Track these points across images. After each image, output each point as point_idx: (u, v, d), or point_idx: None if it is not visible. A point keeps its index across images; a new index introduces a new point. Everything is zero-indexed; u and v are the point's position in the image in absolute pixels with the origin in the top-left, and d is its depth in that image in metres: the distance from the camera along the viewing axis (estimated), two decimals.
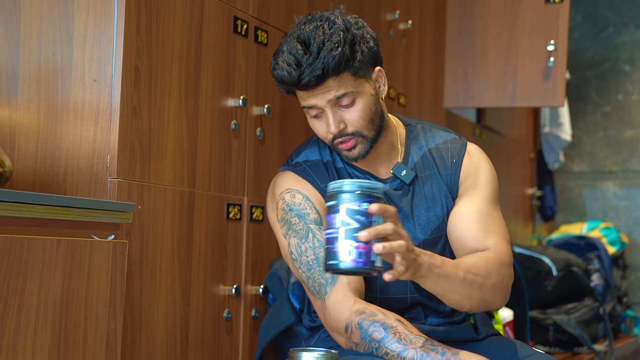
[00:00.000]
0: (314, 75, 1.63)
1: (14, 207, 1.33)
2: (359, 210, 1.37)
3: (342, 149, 1.73)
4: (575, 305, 3.14)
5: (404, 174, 1.79)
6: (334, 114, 1.69)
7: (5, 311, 1.28)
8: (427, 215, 1.79)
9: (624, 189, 4.44)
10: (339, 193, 1.38)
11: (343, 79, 1.67)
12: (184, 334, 1.83)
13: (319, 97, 1.68)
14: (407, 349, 1.61)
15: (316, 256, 1.72)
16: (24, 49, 1.76)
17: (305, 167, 1.82)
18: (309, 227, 1.75)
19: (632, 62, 4.44)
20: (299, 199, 1.77)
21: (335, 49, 1.64)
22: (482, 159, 1.88)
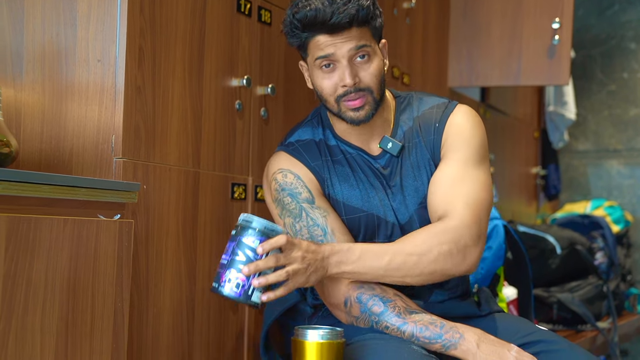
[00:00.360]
0: (348, 13, 1.65)
1: (20, 187, 1.34)
2: (251, 246, 1.51)
3: (349, 108, 1.72)
4: (579, 284, 3.14)
5: (390, 146, 1.80)
6: (350, 66, 1.69)
7: (14, 290, 1.29)
8: (414, 184, 1.79)
9: (629, 168, 4.43)
10: (241, 226, 1.53)
11: (365, 32, 1.70)
12: (190, 313, 1.84)
13: (339, 45, 1.68)
14: (407, 322, 1.64)
15: (311, 234, 1.74)
16: (27, 30, 1.76)
17: (297, 147, 1.83)
18: (301, 206, 1.76)
19: (637, 40, 4.42)
20: (290, 179, 1.79)
21: (366, 1, 1.68)
22: (466, 120, 1.82)
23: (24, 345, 1.31)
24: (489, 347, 1.61)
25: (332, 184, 1.80)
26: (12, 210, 1.32)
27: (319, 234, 1.73)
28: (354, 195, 1.79)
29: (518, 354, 1.61)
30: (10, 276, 1.29)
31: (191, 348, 1.85)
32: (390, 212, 1.79)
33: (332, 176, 1.81)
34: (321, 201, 1.78)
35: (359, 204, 1.79)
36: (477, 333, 1.64)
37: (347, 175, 1.81)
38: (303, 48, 1.73)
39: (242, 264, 1.50)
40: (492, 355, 1.60)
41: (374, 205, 1.79)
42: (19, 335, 1.30)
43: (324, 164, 1.81)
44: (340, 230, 1.76)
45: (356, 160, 1.81)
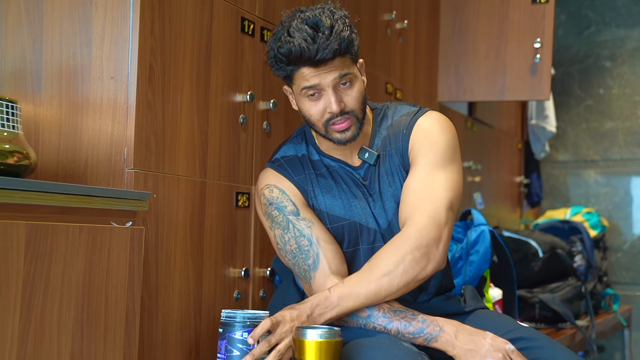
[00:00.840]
0: (331, 49, 1.64)
1: (38, 196, 1.33)
2: (241, 339, 1.53)
3: (335, 130, 1.72)
4: (559, 285, 3.14)
5: (367, 156, 1.80)
6: (335, 93, 1.69)
7: (33, 292, 1.29)
8: (391, 190, 1.79)
9: (605, 177, 4.44)
10: (226, 324, 1.55)
11: (346, 60, 1.69)
12: (197, 313, 1.84)
13: (323, 76, 1.67)
14: (392, 321, 1.66)
15: (298, 244, 1.74)
16: (46, 49, 1.76)
17: (282, 163, 1.83)
18: (288, 219, 1.77)
19: (612, 59, 4.43)
20: (276, 193, 1.80)
21: (345, 30, 1.66)
22: (432, 124, 1.79)
23: (42, 342, 1.31)
24: (466, 337, 1.62)
25: (315, 196, 1.80)
26: (31, 217, 1.32)
27: (305, 244, 1.74)
28: (336, 205, 1.79)
29: (492, 340, 1.61)
30: (30, 279, 1.28)
31: (198, 345, 1.84)
32: (372, 219, 1.79)
33: (315, 188, 1.81)
34: (306, 213, 1.78)
35: (341, 213, 1.79)
36: (455, 325, 1.65)
37: (329, 187, 1.81)
38: (288, 79, 1.73)
39: (238, 359, 1.52)
40: (469, 343, 1.61)
41: (356, 214, 1.79)
42: (37, 333, 1.30)
43: (307, 178, 1.81)
44: (325, 239, 1.76)
45: (338, 173, 1.81)
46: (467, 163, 3.55)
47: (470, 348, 1.61)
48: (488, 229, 2.57)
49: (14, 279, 1.26)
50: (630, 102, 4.37)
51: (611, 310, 3.66)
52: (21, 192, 1.30)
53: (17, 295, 1.26)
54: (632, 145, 4.36)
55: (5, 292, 1.25)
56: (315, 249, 1.73)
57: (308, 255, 1.74)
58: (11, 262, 1.25)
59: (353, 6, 2.54)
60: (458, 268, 2.56)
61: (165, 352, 1.74)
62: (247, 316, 1.54)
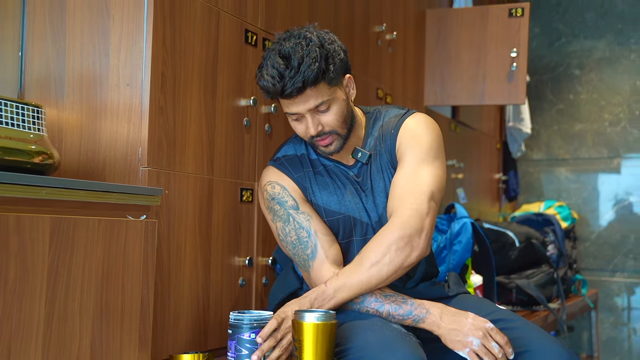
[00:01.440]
0: (295, 87, 1.62)
1: (62, 192, 1.33)
2: (249, 339, 1.52)
3: (319, 145, 1.74)
4: (534, 271, 3.14)
5: (360, 155, 1.80)
6: (312, 118, 1.69)
7: (56, 280, 1.29)
8: (380, 186, 1.79)
9: (575, 174, 4.44)
10: (235, 326, 1.54)
11: (320, 88, 1.66)
12: (206, 299, 1.84)
13: (299, 105, 1.67)
14: (383, 304, 1.67)
15: (298, 236, 1.74)
16: (68, 59, 1.76)
17: (283, 161, 1.83)
18: (288, 212, 1.77)
19: (581, 67, 4.43)
20: (278, 189, 1.79)
21: (313, 64, 1.62)
22: (418, 124, 1.79)
23: (65, 326, 1.31)
24: (450, 317, 1.63)
25: (313, 192, 1.80)
26: (54, 212, 1.32)
27: (304, 235, 1.74)
28: (332, 200, 1.79)
29: (474, 320, 1.62)
30: (54, 268, 1.28)
31: (207, 327, 1.84)
32: (364, 213, 1.79)
33: (313, 185, 1.81)
34: (305, 207, 1.78)
35: (336, 208, 1.79)
36: (440, 307, 1.66)
37: (326, 184, 1.81)
38: (277, 101, 1.74)
39: (247, 357, 1.52)
40: (453, 323, 1.62)
41: (349, 208, 1.79)
42: (61, 318, 1.30)
43: (306, 175, 1.81)
44: (322, 231, 1.76)
45: (334, 171, 1.81)
46: (450, 161, 3.55)
47: (454, 327, 1.62)
48: (470, 221, 2.57)
49: (39, 267, 1.26)
50: (597, 106, 4.38)
51: (580, 294, 3.66)
52: (46, 189, 1.30)
53: (42, 282, 1.26)
54: (599, 145, 4.37)
55: (32, 280, 1.25)
56: (313, 240, 1.73)
57: (307, 246, 1.74)
58: (37, 253, 1.25)
59: (347, 19, 2.54)
60: (442, 257, 2.56)
61: (177, 334, 1.74)
62: (253, 318, 1.54)
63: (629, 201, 4.28)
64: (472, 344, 1.59)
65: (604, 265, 4.29)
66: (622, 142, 4.30)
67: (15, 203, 1.25)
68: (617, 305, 4.24)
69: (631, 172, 4.28)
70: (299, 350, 1.53)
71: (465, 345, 1.60)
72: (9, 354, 1.21)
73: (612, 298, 4.25)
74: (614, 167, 4.32)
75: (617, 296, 4.24)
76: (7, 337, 1.21)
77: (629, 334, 4.20)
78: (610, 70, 4.34)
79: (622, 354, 4.20)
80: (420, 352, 1.53)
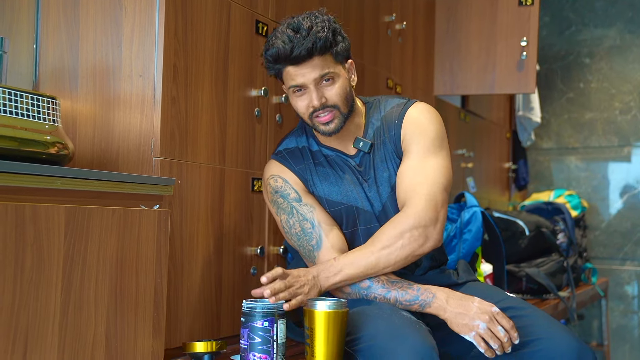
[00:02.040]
0: (305, 48, 1.64)
1: (76, 182, 1.34)
2: (261, 327, 1.52)
3: (320, 123, 1.72)
4: (544, 260, 3.13)
5: (362, 145, 1.80)
6: (317, 90, 1.69)
7: (72, 268, 1.30)
8: (385, 175, 1.79)
9: (585, 162, 4.42)
10: (247, 314, 1.54)
11: (326, 60, 1.68)
12: (218, 287, 1.85)
13: (305, 74, 1.67)
14: (390, 290, 1.68)
15: (302, 227, 1.76)
16: (82, 51, 1.77)
17: (285, 155, 1.83)
18: (292, 205, 1.78)
19: (591, 56, 4.40)
20: (280, 183, 1.80)
21: (321, 32, 1.65)
22: (422, 113, 1.80)
23: (81, 312, 1.32)
24: (456, 302, 1.64)
25: (314, 183, 1.81)
26: (69, 201, 1.33)
27: (308, 227, 1.75)
28: (334, 191, 1.80)
29: (480, 304, 1.63)
30: (69, 257, 1.30)
31: (219, 314, 1.85)
32: (367, 202, 1.79)
33: (314, 177, 1.81)
34: (307, 199, 1.79)
35: (339, 198, 1.79)
36: (446, 292, 1.66)
37: (327, 175, 1.81)
38: (279, 77, 1.74)
39: (260, 345, 1.52)
40: (459, 307, 1.63)
41: (352, 198, 1.79)
42: (77, 305, 1.31)
43: (307, 167, 1.82)
44: (326, 222, 1.77)
45: (335, 161, 1.82)
46: (460, 150, 3.54)
47: (460, 311, 1.62)
48: (480, 210, 2.57)
49: (55, 256, 1.27)
50: (607, 94, 4.35)
51: (590, 282, 3.66)
52: (61, 179, 1.31)
53: (58, 271, 1.28)
54: (609, 134, 4.34)
55: (48, 268, 1.26)
56: (317, 231, 1.74)
57: (311, 237, 1.75)
58: (53, 242, 1.27)
59: (356, 9, 2.53)
60: (453, 245, 2.56)
61: (190, 322, 1.75)
62: (266, 307, 1.55)
63: (639, 189, 4.26)
64: (479, 328, 1.60)
65: (614, 254, 4.28)
66: (633, 130, 4.27)
67: (31, 193, 1.26)
68: (627, 293, 4.23)
69: None
70: (311, 338, 1.54)
71: (472, 329, 1.60)
72: (26, 341, 1.23)
73: (622, 286, 4.24)
74: (624, 155, 4.30)
75: (627, 284, 4.23)
76: (24, 325, 1.22)
77: (639, 321, 4.19)
78: (620, 59, 4.30)
79: (632, 341, 4.19)
80: (430, 339, 1.53)
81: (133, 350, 1.43)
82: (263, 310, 1.54)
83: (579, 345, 1.62)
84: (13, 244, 1.20)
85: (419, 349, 1.47)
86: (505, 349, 1.60)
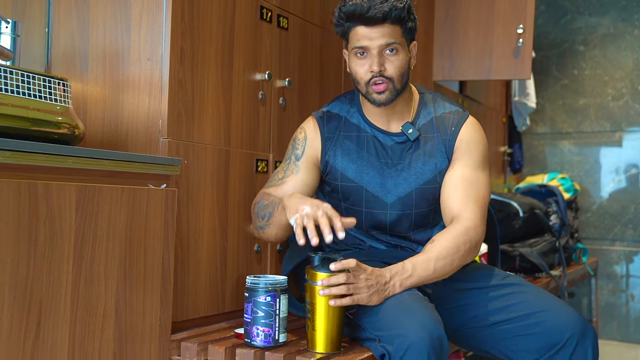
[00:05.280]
0: (381, 10, 1.64)
1: (87, 161, 1.35)
2: (264, 302, 1.53)
3: (374, 90, 1.72)
4: (536, 240, 3.14)
5: (411, 131, 1.79)
6: (379, 56, 1.69)
7: (83, 245, 1.31)
8: (423, 168, 1.79)
9: (578, 147, 4.41)
10: (251, 289, 1.55)
11: (396, 30, 1.68)
12: (223, 263, 1.86)
13: (374, 39, 1.67)
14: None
15: (277, 172, 1.85)
16: (92, 35, 1.76)
17: (324, 116, 1.85)
18: (290, 156, 1.84)
19: (585, 44, 4.38)
20: (301, 136, 1.85)
21: (399, 2, 1.66)
22: (476, 130, 1.83)
23: (92, 287, 1.33)
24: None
25: (335, 155, 1.81)
26: (80, 180, 1.33)
27: (280, 176, 1.83)
28: (350, 168, 1.80)
29: (317, 201, 1.56)
30: (80, 233, 1.30)
31: (224, 290, 1.86)
32: (379, 189, 1.79)
33: (337, 149, 1.81)
34: (304, 163, 1.83)
35: (352, 176, 1.80)
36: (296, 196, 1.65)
37: (349, 151, 1.81)
38: (345, 37, 1.74)
39: (263, 319, 1.53)
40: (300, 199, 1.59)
41: (365, 181, 1.79)
42: (87, 280, 1.32)
43: (335, 137, 1.82)
44: (291, 186, 1.80)
45: (367, 140, 1.81)
46: None
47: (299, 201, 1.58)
48: None
49: (67, 233, 1.28)
50: (600, 81, 4.33)
51: (581, 262, 3.67)
52: (72, 158, 1.32)
53: (70, 246, 1.28)
54: (602, 119, 4.33)
55: (60, 244, 1.27)
56: (278, 182, 1.81)
57: (272, 180, 1.84)
58: (64, 218, 1.27)
59: None
60: None
61: (196, 297, 1.76)
62: (268, 282, 1.56)
63: (630, 173, 4.25)
64: (303, 210, 1.54)
65: (604, 235, 4.29)
66: (624, 116, 4.26)
67: (43, 171, 1.27)
68: (616, 272, 4.24)
69: (632, 146, 4.24)
70: (312, 312, 1.54)
71: (297, 211, 1.54)
72: (39, 313, 1.24)
73: (612, 266, 4.25)
74: (615, 140, 4.29)
75: (616, 264, 4.24)
76: (38, 297, 1.23)
77: (627, 300, 4.21)
78: (613, 47, 4.28)
79: (619, 318, 4.21)
80: (436, 314, 1.55)
81: (142, 322, 1.45)
82: (266, 285, 1.55)
83: (581, 319, 1.64)
84: (27, 220, 1.21)
85: (427, 323, 1.47)
86: (324, 234, 1.50)
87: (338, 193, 1.83)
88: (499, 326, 1.68)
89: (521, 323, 1.65)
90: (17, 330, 1.20)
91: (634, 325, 4.16)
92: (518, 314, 1.66)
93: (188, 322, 1.73)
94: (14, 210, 1.19)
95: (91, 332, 1.34)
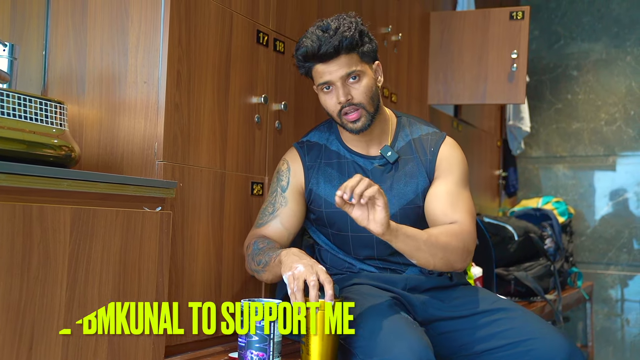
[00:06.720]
0: (332, 45, 1.66)
1: (82, 184, 1.34)
2: (258, 326, 1.50)
3: (348, 120, 1.73)
4: (532, 264, 3.14)
5: (389, 154, 1.80)
6: (343, 87, 1.71)
7: (77, 267, 1.30)
8: (404, 189, 1.79)
9: (572, 171, 4.43)
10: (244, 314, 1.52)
11: (353, 58, 1.70)
12: (218, 286, 1.85)
13: (332, 72, 1.69)
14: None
15: (266, 207, 1.83)
16: (89, 58, 1.77)
17: (305, 146, 1.87)
18: (276, 188, 1.84)
19: (578, 69, 4.41)
20: (284, 167, 1.86)
21: (348, 31, 1.68)
22: (455, 149, 1.85)
23: (85, 310, 1.32)
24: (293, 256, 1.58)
25: (318, 182, 1.82)
26: (75, 202, 1.33)
27: (269, 210, 1.82)
28: (333, 194, 1.80)
29: (313, 261, 1.53)
30: (74, 256, 1.29)
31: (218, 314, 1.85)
32: None
33: (319, 176, 1.82)
34: (290, 194, 1.83)
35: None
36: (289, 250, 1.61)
37: (332, 177, 1.82)
38: (309, 75, 1.77)
39: (257, 343, 1.51)
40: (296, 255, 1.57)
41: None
42: (81, 302, 1.31)
43: (317, 165, 1.83)
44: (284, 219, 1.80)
45: (348, 165, 1.82)
46: None
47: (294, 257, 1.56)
48: None
49: (61, 255, 1.27)
50: (594, 106, 4.36)
51: (576, 286, 3.66)
52: (67, 181, 1.31)
53: (63, 269, 1.28)
54: (595, 143, 4.35)
55: (54, 267, 1.26)
56: (269, 218, 1.80)
57: (263, 216, 1.82)
58: (59, 241, 1.27)
59: None
60: None
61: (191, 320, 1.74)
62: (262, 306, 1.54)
63: (623, 197, 4.27)
64: (296, 269, 1.51)
65: (599, 259, 4.28)
66: (618, 140, 4.28)
67: (38, 194, 1.26)
68: (611, 297, 4.23)
69: (626, 170, 4.26)
70: (306, 337, 1.53)
71: (290, 269, 1.52)
72: (32, 336, 1.22)
73: (607, 290, 4.24)
74: (609, 164, 4.31)
75: (611, 288, 4.23)
76: (30, 321, 1.22)
77: (622, 324, 4.19)
78: (606, 72, 4.32)
79: (615, 343, 4.19)
80: (426, 338, 1.54)
81: (135, 346, 1.43)
82: (257, 309, 1.53)
83: (570, 345, 1.63)
84: (21, 242, 1.20)
85: (416, 347, 1.46)
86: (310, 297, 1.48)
87: (323, 220, 1.83)
88: (488, 355, 1.67)
89: (510, 351, 1.64)
90: (8, 354, 1.18)
91: (629, 350, 4.15)
92: (508, 341, 1.65)
93: (182, 345, 1.72)
94: (8, 233, 1.18)
95: (84, 356, 1.32)
